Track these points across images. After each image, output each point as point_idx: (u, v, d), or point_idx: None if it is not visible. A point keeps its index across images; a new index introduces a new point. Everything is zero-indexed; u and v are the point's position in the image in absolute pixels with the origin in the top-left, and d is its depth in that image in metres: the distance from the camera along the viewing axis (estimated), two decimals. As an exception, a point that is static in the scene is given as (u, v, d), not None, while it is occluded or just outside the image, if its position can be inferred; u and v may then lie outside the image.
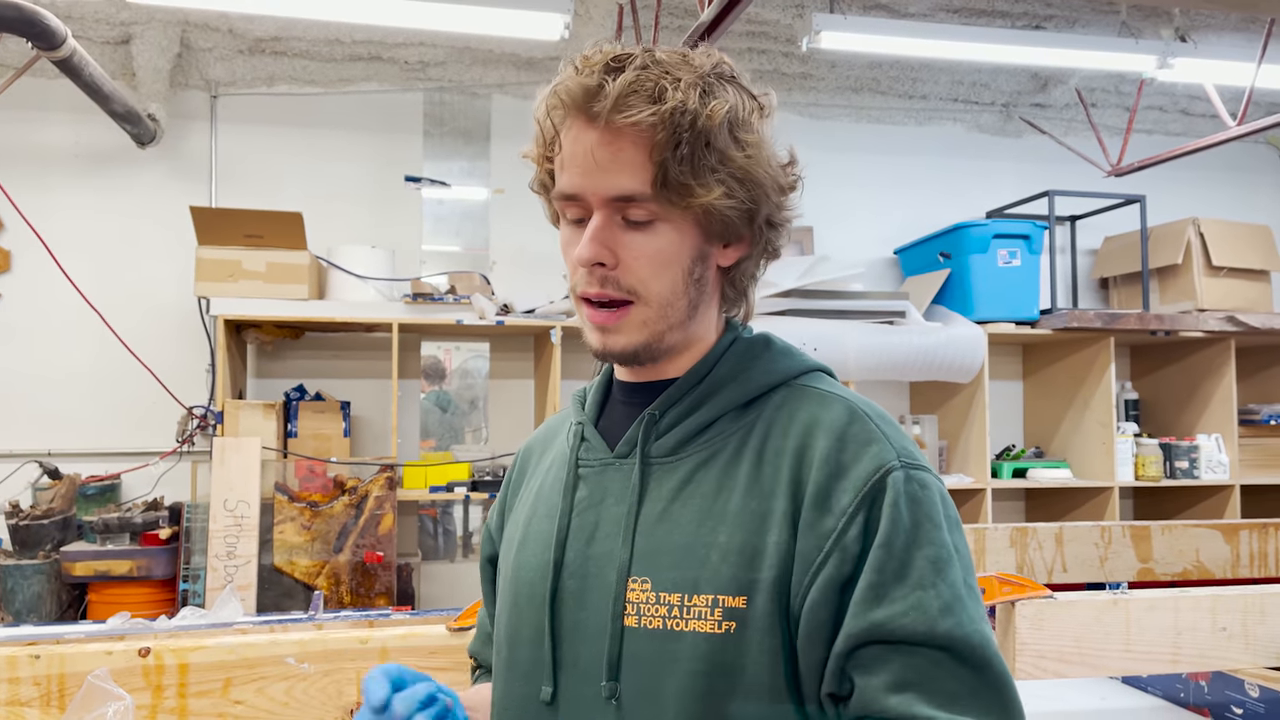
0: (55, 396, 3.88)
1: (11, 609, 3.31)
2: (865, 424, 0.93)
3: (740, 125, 0.93)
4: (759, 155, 0.94)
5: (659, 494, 0.96)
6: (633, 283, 0.95)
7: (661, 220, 0.94)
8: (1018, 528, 2.74)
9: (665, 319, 0.96)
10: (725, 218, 0.94)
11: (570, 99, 0.92)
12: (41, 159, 3.90)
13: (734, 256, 0.99)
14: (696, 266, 0.96)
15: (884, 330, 3.93)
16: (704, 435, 0.97)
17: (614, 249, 0.94)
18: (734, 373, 0.99)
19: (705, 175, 0.91)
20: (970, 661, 0.85)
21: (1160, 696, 2.20)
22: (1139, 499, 4.66)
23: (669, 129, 0.90)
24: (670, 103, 0.89)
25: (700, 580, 0.90)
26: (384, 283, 3.80)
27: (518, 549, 1.05)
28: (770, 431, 0.95)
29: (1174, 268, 4.42)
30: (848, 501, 0.89)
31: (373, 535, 3.44)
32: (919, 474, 0.91)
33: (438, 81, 4.17)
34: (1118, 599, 1.78)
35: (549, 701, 0.95)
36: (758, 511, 0.91)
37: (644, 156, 0.91)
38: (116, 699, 1.05)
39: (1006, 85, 4.57)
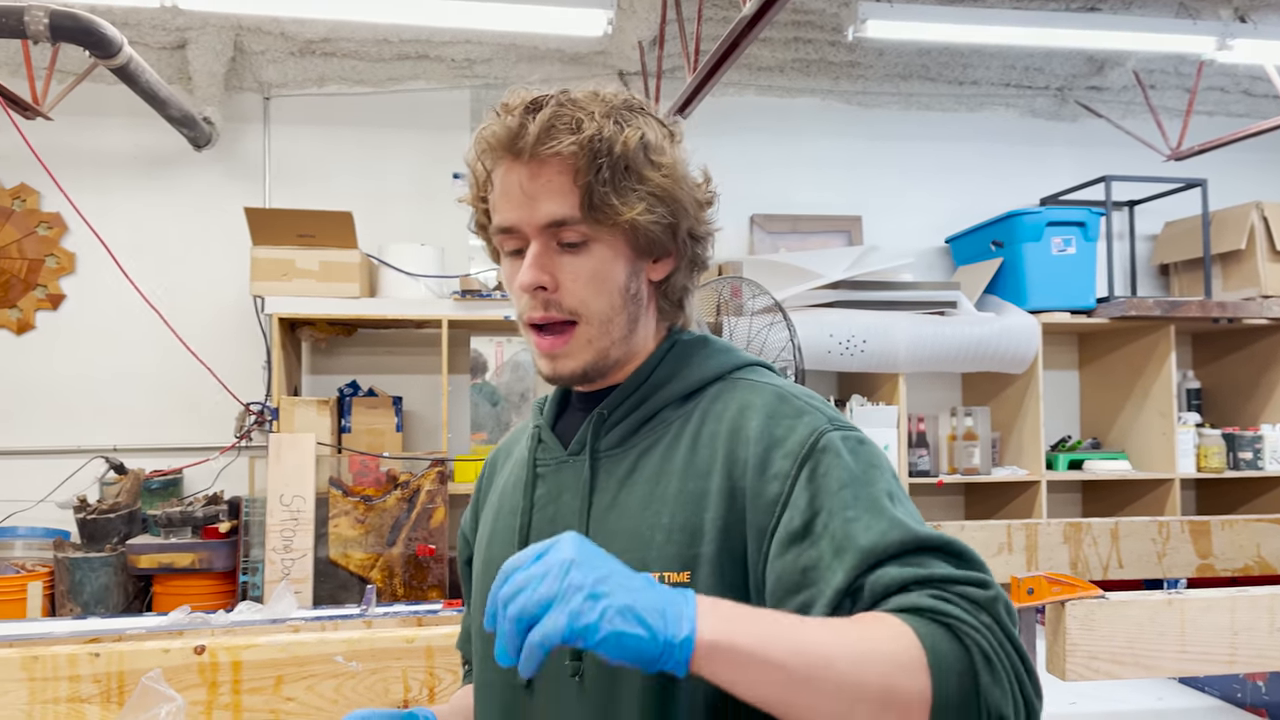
0: (119, 394, 3.99)
1: (80, 600, 3.42)
2: (793, 401, 0.99)
3: (653, 149, 1.01)
4: (675, 174, 1.02)
5: (608, 484, 1.03)
6: (573, 304, 1.01)
7: (593, 241, 1.00)
8: (1071, 523, 2.69)
9: (608, 335, 1.03)
10: (650, 233, 1.02)
11: (496, 141, 1.00)
12: (101, 163, 4.01)
13: (664, 270, 1.06)
14: (631, 282, 1.04)
15: (935, 321, 3.89)
16: (646, 427, 1.04)
17: (553, 273, 1.01)
18: (673, 371, 1.06)
19: (627, 194, 0.99)
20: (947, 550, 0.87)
21: (1217, 696, 2.15)
22: (1201, 490, 4.55)
23: (589, 154, 0.97)
24: (588, 131, 0.97)
25: (648, 560, 0.95)
26: (433, 280, 3.85)
27: (486, 545, 1.13)
28: (705, 419, 1.01)
29: (1237, 253, 4.30)
30: (788, 466, 0.93)
31: (425, 529, 3.49)
32: (855, 433, 0.96)
33: (484, 79, 4.20)
34: (1172, 599, 1.74)
35: (525, 685, 1.01)
36: (695, 491, 0.97)
37: (569, 182, 0.98)
38: (168, 700, 1.08)
39: (1061, 69, 4.48)
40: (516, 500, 1.09)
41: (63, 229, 3.96)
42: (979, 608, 0.82)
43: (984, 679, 0.78)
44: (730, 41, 2.58)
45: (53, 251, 3.95)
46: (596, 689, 0.95)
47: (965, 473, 4.04)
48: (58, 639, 1.57)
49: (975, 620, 0.81)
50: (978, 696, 0.78)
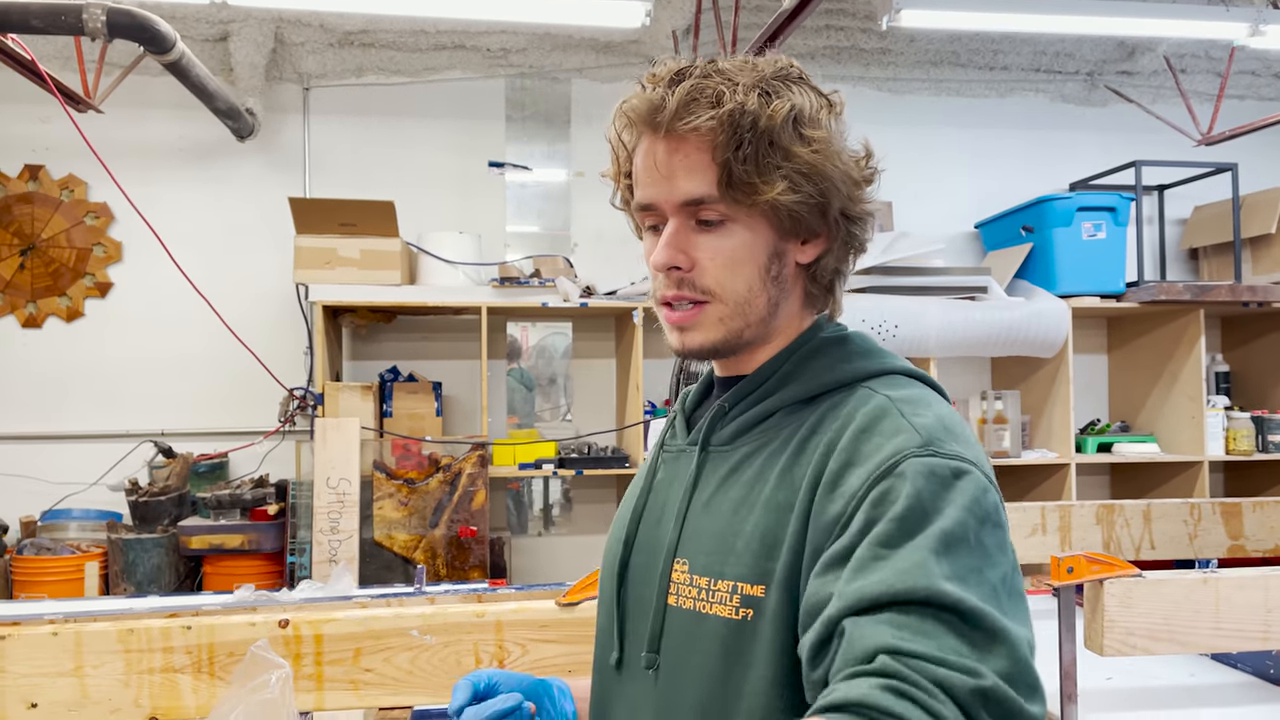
0: (165, 380, 4.09)
1: (133, 580, 3.53)
2: (895, 418, 0.91)
3: (806, 122, 0.96)
4: (826, 150, 0.96)
5: (710, 480, 1.01)
6: (708, 283, 0.98)
7: (732, 220, 0.97)
8: (1104, 505, 2.74)
9: (743, 316, 0.99)
10: (795, 213, 0.96)
11: (636, 115, 0.97)
12: (146, 154, 4.10)
13: (813, 253, 1.01)
14: (773, 264, 0.99)
15: (965, 306, 3.93)
16: (760, 427, 1.00)
17: (689, 252, 0.98)
18: (799, 370, 1.01)
19: (769, 172, 0.94)
20: (983, 629, 0.76)
21: (1250, 673, 2.21)
22: (1229, 473, 4.58)
23: (729, 130, 0.93)
24: (729, 105, 0.93)
25: (725, 566, 0.93)
26: (471, 267, 3.92)
27: (613, 522, 1.13)
28: (818, 428, 0.95)
29: (1267, 237, 4.31)
30: (858, 485, 0.86)
31: (466, 510, 3.58)
32: (949, 462, 0.86)
33: (519, 68, 4.26)
34: (1207, 578, 1.80)
35: (616, 666, 1.04)
36: (784, 503, 0.92)
37: (708, 159, 0.94)
38: (277, 667, 1.16)
39: (1091, 54, 4.49)
40: (640, 483, 1.10)
41: (109, 219, 4.06)
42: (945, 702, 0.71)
43: None
44: (770, 32, 2.63)
45: (100, 241, 4.05)
46: (666, 682, 0.97)
47: (995, 456, 4.09)
48: (139, 614, 1.65)
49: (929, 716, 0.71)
50: None
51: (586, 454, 3.93)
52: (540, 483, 4.18)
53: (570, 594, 1.60)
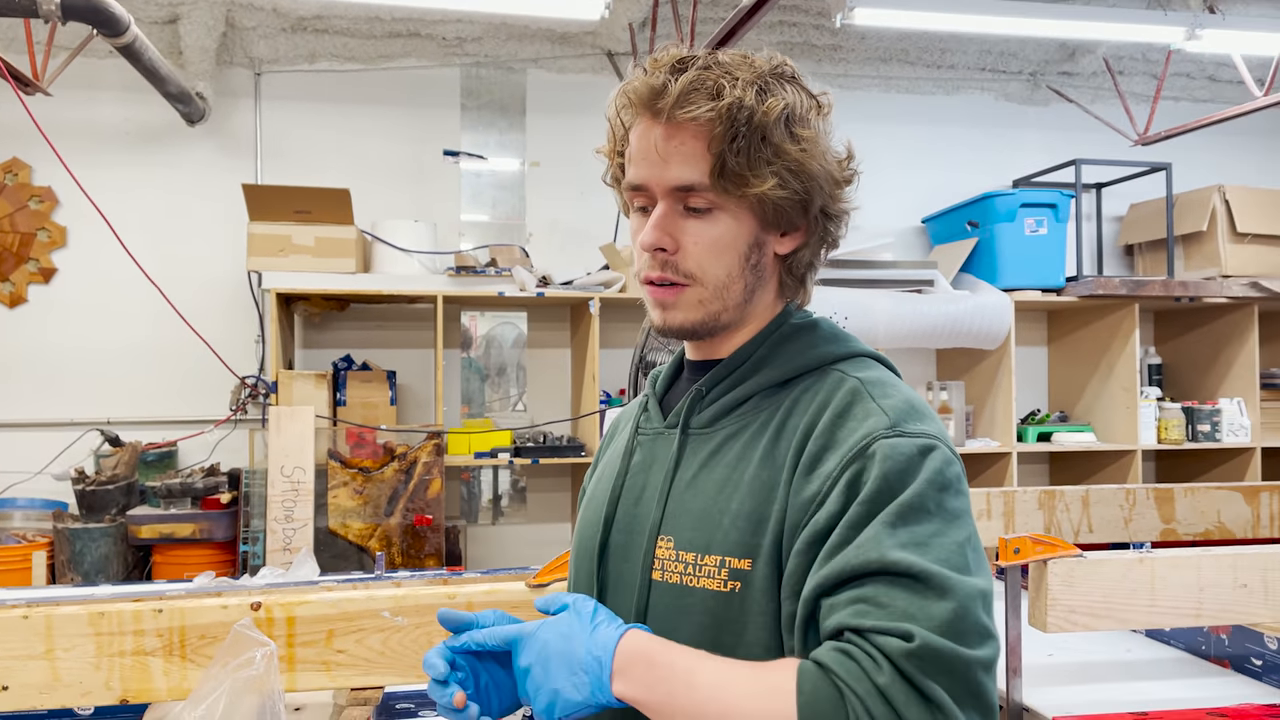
0: (111, 367, 4.03)
1: (80, 570, 3.48)
2: (866, 402, 0.98)
3: (796, 121, 1.00)
4: (814, 149, 1.01)
5: (693, 461, 1.06)
6: (690, 267, 1.03)
7: (719, 209, 1.01)
8: (1046, 490, 2.85)
9: (721, 300, 1.04)
10: (779, 207, 1.01)
11: (637, 98, 1.01)
12: (93, 137, 4.02)
13: (791, 245, 1.06)
14: (753, 253, 1.04)
15: (912, 298, 4.03)
16: (739, 410, 1.06)
17: (675, 235, 1.02)
18: (774, 354, 1.06)
19: (760, 166, 0.99)
20: (932, 587, 0.86)
21: (1182, 649, 2.32)
22: (1161, 462, 4.76)
23: (726, 123, 0.97)
24: (727, 99, 0.97)
25: (712, 542, 0.99)
26: (427, 256, 3.92)
27: (584, 506, 1.18)
28: (794, 410, 1.01)
29: (1199, 234, 4.48)
30: (833, 467, 0.94)
31: (422, 499, 3.59)
32: (914, 440, 0.94)
33: (474, 57, 4.26)
34: (1144, 558, 1.89)
35: None
36: (768, 482, 0.98)
37: (703, 149, 0.99)
38: (262, 645, 1.18)
39: (1034, 54, 4.62)
40: (615, 465, 1.14)
41: (54, 203, 3.99)
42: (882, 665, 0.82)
43: None
44: (729, 28, 2.68)
45: (44, 225, 3.97)
46: None
47: (940, 445, 4.19)
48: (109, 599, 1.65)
49: (869, 684, 0.82)
50: None
51: (542, 443, 3.96)
52: (490, 472, 4.19)
53: (541, 575, 1.63)
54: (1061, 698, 2.01)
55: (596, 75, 4.37)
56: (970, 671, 0.83)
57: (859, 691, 0.82)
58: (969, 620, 0.85)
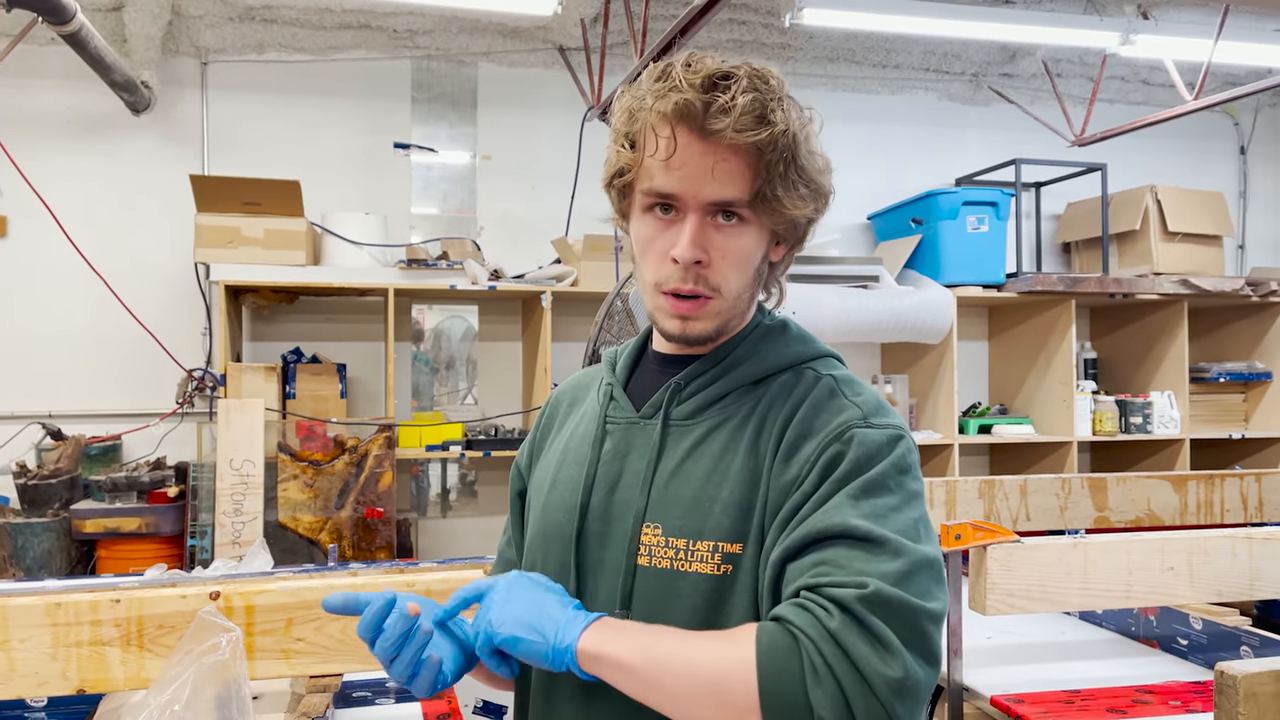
0: (53, 360, 3.96)
1: (23, 565, 3.42)
2: (840, 398, 1.06)
3: (813, 140, 1.07)
4: (826, 168, 1.08)
5: (675, 452, 1.09)
6: (718, 280, 1.06)
7: (746, 224, 1.06)
8: (985, 480, 2.94)
9: (735, 309, 1.10)
10: (795, 223, 1.08)
11: (678, 111, 1.00)
12: (34, 125, 3.94)
13: (782, 252, 1.13)
14: (763, 264, 1.11)
15: (858, 294, 4.11)
16: (718, 404, 1.10)
17: (706, 248, 1.05)
18: (750, 353, 1.12)
19: (792, 190, 1.04)
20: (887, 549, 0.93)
21: (1113, 630, 2.42)
22: (1096, 453, 4.91)
23: (774, 148, 1.01)
24: (778, 125, 1.01)
25: (704, 529, 1.03)
26: (378, 248, 3.91)
27: (548, 492, 1.17)
28: (772, 404, 1.08)
29: (1132, 233, 4.63)
30: (810, 451, 1.02)
31: (373, 492, 3.59)
32: (884, 431, 1.02)
33: (425, 49, 4.25)
34: (1077, 543, 1.98)
35: None
36: (754, 470, 1.04)
37: (746, 169, 1.02)
38: (227, 630, 1.20)
39: (976, 56, 4.73)
40: (584, 453, 1.15)
41: (-7, 192, 3.90)
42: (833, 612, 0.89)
43: (810, 686, 0.87)
44: (682, 25, 2.72)
45: (-17, 215, 3.89)
46: None
47: (884, 437, 4.28)
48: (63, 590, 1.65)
49: (821, 629, 0.88)
50: (806, 701, 0.87)
51: (494, 436, 3.98)
52: (439, 466, 4.19)
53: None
54: (1000, 677, 2.09)
55: (548, 70, 4.39)
56: (917, 619, 0.90)
57: (812, 635, 0.88)
58: (919, 577, 0.92)
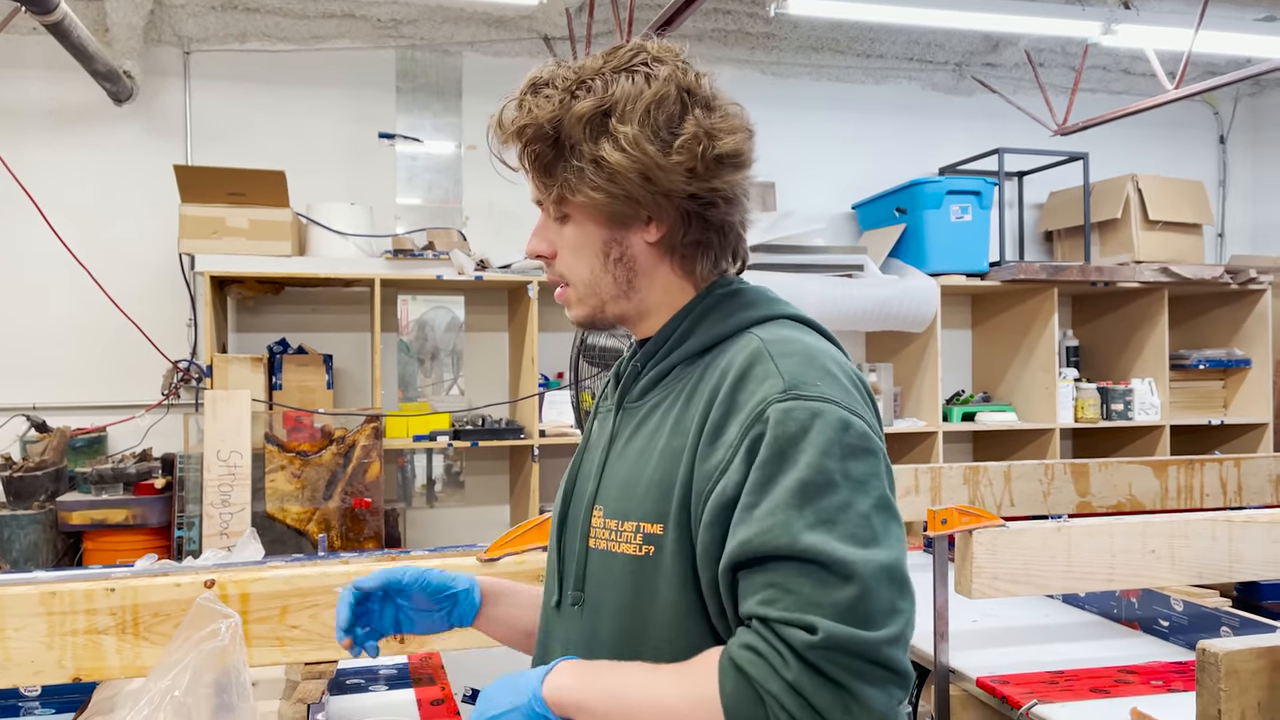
0: (37, 351, 3.94)
1: (8, 558, 3.41)
2: (766, 362, 1.00)
3: (617, 115, 1.02)
4: (625, 142, 1.01)
5: (624, 434, 1.12)
6: (562, 269, 1.12)
7: (571, 215, 1.09)
8: (970, 466, 2.98)
9: (596, 295, 1.11)
10: (605, 206, 1.05)
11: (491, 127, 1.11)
12: (14, 115, 3.92)
13: (658, 232, 1.08)
14: (612, 248, 1.09)
15: (843, 283, 4.14)
16: (663, 382, 1.11)
17: (548, 239, 1.12)
18: (695, 325, 1.09)
19: (562, 175, 1.05)
20: (837, 573, 0.89)
21: (1096, 613, 2.46)
22: (1078, 439, 4.96)
23: (525, 143, 1.06)
24: (521, 121, 1.05)
25: (630, 509, 1.05)
26: (363, 239, 3.91)
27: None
28: (704, 376, 1.05)
29: (1114, 221, 4.68)
30: (735, 434, 0.97)
31: (360, 482, 3.59)
32: (808, 404, 0.95)
33: (409, 39, 4.24)
34: (1061, 527, 2.01)
35: (555, 606, 1.15)
36: (677, 449, 1.02)
37: (528, 168, 1.09)
38: (225, 616, 1.21)
39: (960, 45, 4.76)
40: (581, 442, 1.23)
41: (-26, 183, 3.87)
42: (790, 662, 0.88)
43: None
44: (667, 16, 2.73)
45: (-36, 206, 3.86)
46: (589, 616, 1.09)
47: (869, 425, 4.32)
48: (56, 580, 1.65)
49: (781, 681, 0.87)
50: None
51: (481, 426, 3.98)
52: (424, 457, 4.20)
53: (491, 550, 1.68)
54: (985, 659, 2.12)
55: (533, 59, 4.38)
56: (874, 651, 0.88)
57: (773, 690, 0.87)
58: (871, 601, 0.89)
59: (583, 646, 1.09)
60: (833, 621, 0.87)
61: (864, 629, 0.88)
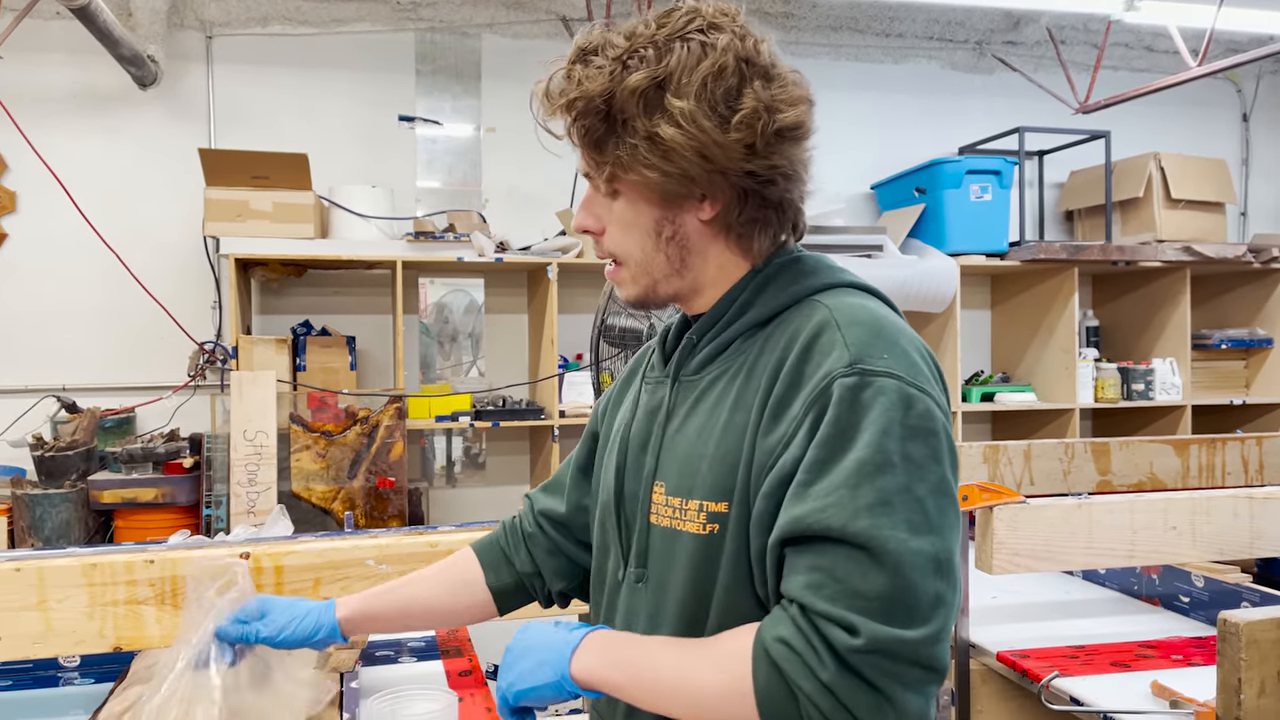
0: (66, 333, 4.00)
1: (41, 535, 3.47)
2: (832, 333, 0.97)
3: (672, 88, 0.98)
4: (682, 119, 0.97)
5: (681, 408, 1.09)
6: (612, 247, 1.09)
7: (622, 190, 1.05)
8: (990, 445, 2.99)
9: (649, 274, 1.08)
10: (658, 185, 1.01)
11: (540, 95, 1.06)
12: (40, 101, 3.96)
13: (712, 210, 1.04)
14: (664, 227, 1.05)
15: (862, 263, 4.14)
16: (722, 355, 1.07)
17: (597, 215, 1.09)
18: (753, 297, 1.07)
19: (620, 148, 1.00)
20: (884, 564, 0.87)
21: (1116, 589, 2.47)
22: (1098, 420, 4.95)
23: (576, 117, 1.02)
24: (571, 94, 1.01)
25: (694, 487, 1.03)
26: (385, 221, 3.94)
27: (607, 451, 1.21)
28: (765, 347, 1.02)
29: (1135, 200, 4.65)
30: (797, 409, 0.95)
31: (384, 462, 3.63)
32: (873, 380, 0.93)
33: (429, 21, 4.25)
34: (1082, 503, 2.02)
35: (620, 581, 1.14)
36: (740, 425, 1.00)
37: (579, 139, 1.04)
38: (232, 564, 1.23)
39: (980, 23, 4.73)
40: (627, 414, 1.18)
41: (2, 167, 3.92)
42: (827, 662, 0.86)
43: None
44: (687, -3, 2.73)
45: (-8, 190, 3.91)
46: (653, 592, 1.08)
47: (889, 405, 4.32)
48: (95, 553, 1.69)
49: (816, 682, 0.86)
50: None
51: (502, 406, 4.02)
52: (444, 437, 4.23)
53: (518, 524, 1.70)
54: (1005, 634, 2.14)
55: (551, 41, 4.39)
56: (914, 651, 0.86)
57: (807, 690, 0.86)
58: (916, 595, 0.87)
59: (646, 623, 1.09)
60: (875, 622, 0.86)
61: (906, 628, 0.86)
